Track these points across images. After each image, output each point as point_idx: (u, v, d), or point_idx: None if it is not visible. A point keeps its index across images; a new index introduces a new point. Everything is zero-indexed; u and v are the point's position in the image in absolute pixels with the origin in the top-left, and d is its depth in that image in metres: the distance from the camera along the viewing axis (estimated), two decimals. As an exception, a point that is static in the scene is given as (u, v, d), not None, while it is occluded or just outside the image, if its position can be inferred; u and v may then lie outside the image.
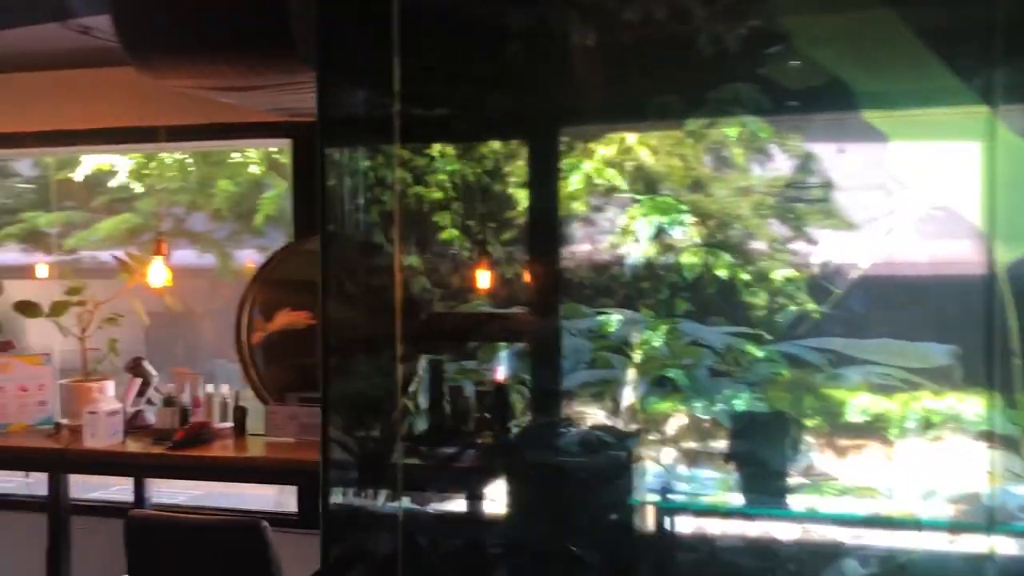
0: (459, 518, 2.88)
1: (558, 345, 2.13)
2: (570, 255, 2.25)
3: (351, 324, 1.94)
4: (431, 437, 2.52)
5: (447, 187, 1.96)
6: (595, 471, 2.70)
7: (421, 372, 2.16)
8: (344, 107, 2.07)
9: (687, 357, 2.53)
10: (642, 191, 2.70)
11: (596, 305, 2.35)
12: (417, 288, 1.89)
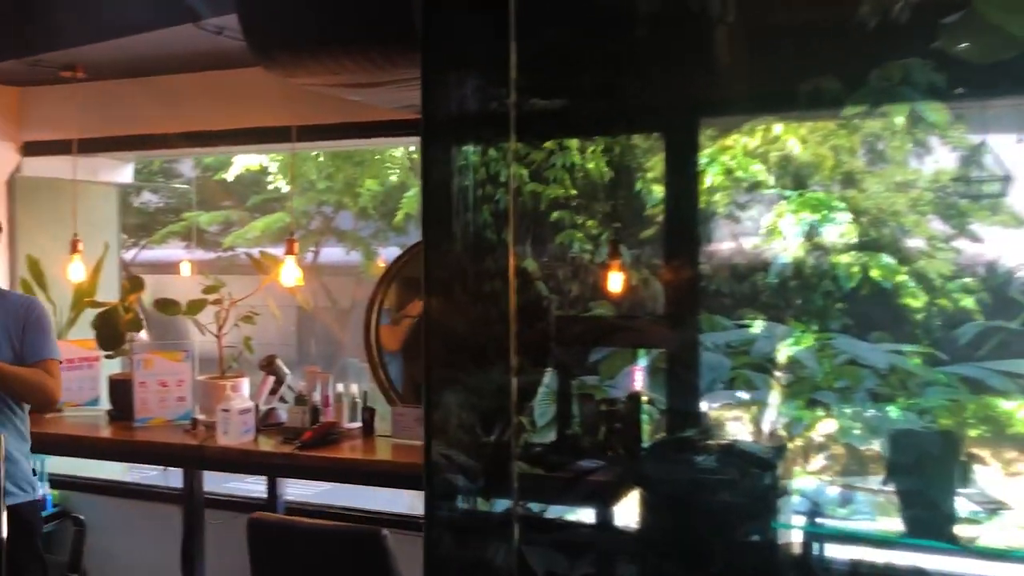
0: (583, 533, 2.66)
1: (693, 360, 1.88)
2: (708, 259, 1.99)
3: (460, 331, 1.76)
4: (551, 448, 2.31)
5: (567, 183, 1.76)
6: (735, 490, 2.44)
7: (539, 381, 1.97)
8: (453, 98, 1.89)
9: (843, 378, 2.20)
10: (790, 186, 2.38)
11: (737, 316, 2.06)
12: (534, 294, 1.70)
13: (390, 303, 3.97)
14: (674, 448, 2.17)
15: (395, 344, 3.76)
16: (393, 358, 3.94)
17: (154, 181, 11.73)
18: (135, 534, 4.44)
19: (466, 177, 1.82)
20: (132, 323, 4.16)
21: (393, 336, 3.76)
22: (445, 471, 2.21)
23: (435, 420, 1.95)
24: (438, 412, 1.94)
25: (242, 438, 3.65)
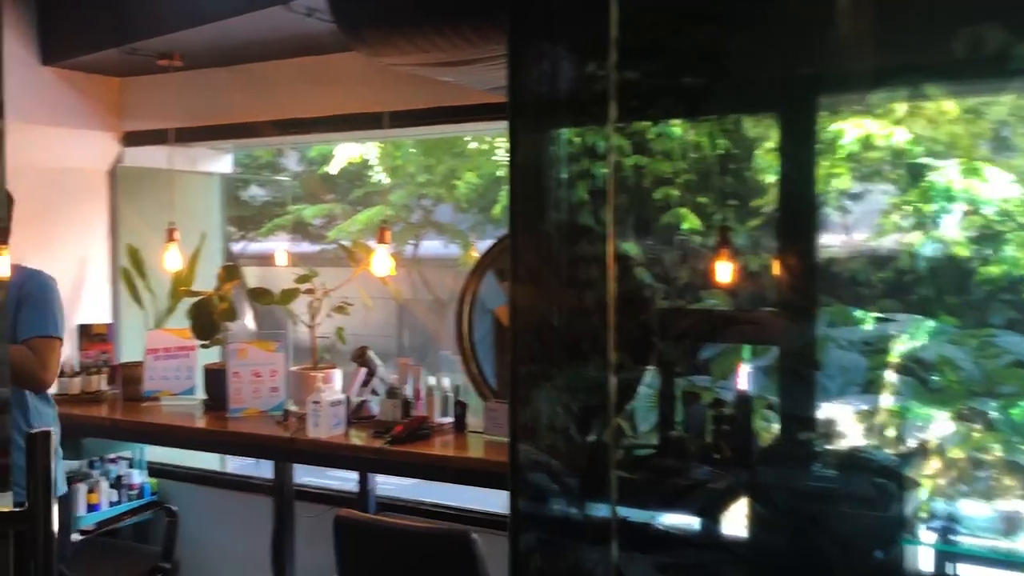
0: (687, 540, 2.41)
1: (822, 359, 1.62)
2: (840, 244, 1.71)
3: (552, 323, 1.55)
4: (654, 452, 2.08)
5: (676, 156, 1.53)
6: (858, 500, 2.16)
7: (640, 379, 1.74)
8: (543, 73, 1.68)
9: (1007, 382, 1.85)
10: (943, 157, 2.06)
11: (875, 309, 1.76)
12: (636, 281, 1.49)
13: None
14: (791, 455, 1.90)
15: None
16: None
17: (260, 175, 11.91)
18: (227, 524, 4.39)
19: (559, 152, 1.61)
20: (227, 313, 4.09)
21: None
22: (534, 473, 2.01)
23: (524, 419, 1.75)
24: (527, 410, 1.74)
25: (333, 431, 3.54)
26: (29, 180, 4.41)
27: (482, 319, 3.59)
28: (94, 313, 4.70)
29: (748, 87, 1.82)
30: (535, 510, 2.39)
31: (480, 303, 3.56)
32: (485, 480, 3.26)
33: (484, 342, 3.59)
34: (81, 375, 4.35)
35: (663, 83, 1.67)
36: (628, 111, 1.62)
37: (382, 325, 9.03)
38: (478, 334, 3.58)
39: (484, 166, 9.61)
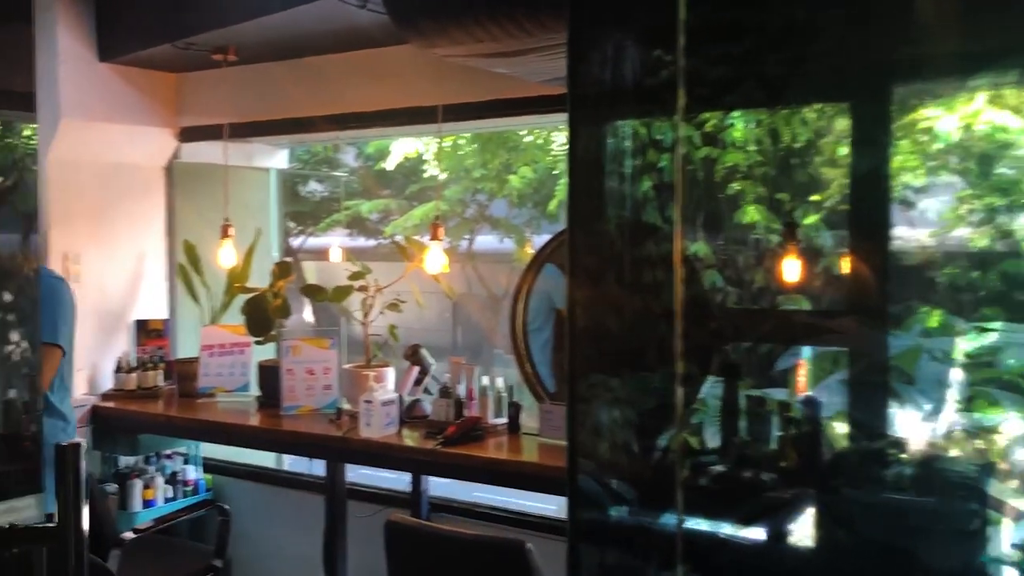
0: (754, 555, 2.26)
1: (911, 370, 1.46)
2: (930, 244, 1.56)
3: (612, 328, 1.43)
4: (717, 456, 1.94)
5: (751, 147, 1.39)
6: (937, 515, 1.99)
7: (709, 388, 1.61)
8: (604, 62, 1.55)
9: None
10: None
11: (976, 317, 1.56)
12: (706, 284, 1.36)
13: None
14: (873, 472, 1.75)
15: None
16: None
17: (319, 171, 11.95)
18: (281, 522, 4.35)
19: (621, 145, 1.48)
20: (281, 309, 4.04)
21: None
22: (593, 481, 1.89)
23: (582, 426, 1.63)
24: (585, 417, 1.62)
25: (385, 431, 3.45)
26: (88, 176, 4.42)
27: (548, 317, 3.45)
28: (151, 308, 4.69)
29: (832, 73, 1.67)
30: (595, 519, 2.27)
31: (547, 300, 3.42)
32: (540, 485, 3.15)
33: (549, 341, 3.46)
34: (137, 371, 4.34)
35: (736, 69, 1.53)
36: (697, 100, 1.48)
37: (435, 322, 8.94)
38: (542, 334, 3.45)
39: (539, 160, 9.49)
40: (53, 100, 4.12)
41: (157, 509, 4.23)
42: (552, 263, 3.52)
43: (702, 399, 1.60)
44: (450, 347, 9.87)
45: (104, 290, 4.50)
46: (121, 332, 4.57)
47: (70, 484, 1.23)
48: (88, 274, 4.42)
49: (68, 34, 4.13)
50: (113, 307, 4.54)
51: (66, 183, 4.31)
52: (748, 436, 1.59)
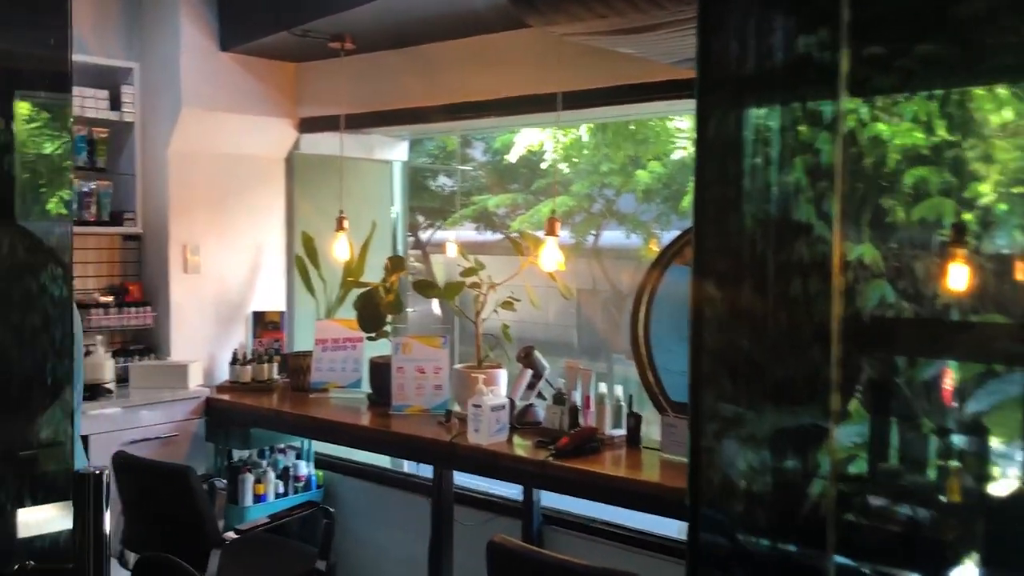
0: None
1: None
2: None
3: (747, 347, 1.12)
4: (872, 484, 1.58)
5: (936, 122, 1.06)
6: None
7: (867, 416, 1.27)
8: (744, 36, 1.23)
9: None
10: None
11: None
12: (872, 295, 1.04)
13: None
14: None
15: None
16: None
17: (448, 164, 11.91)
18: (388, 523, 4.18)
19: (765, 126, 1.17)
20: (393, 304, 3.86)
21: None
22: (721, 509, 1.56)
23: (707, 451, 1.32)
24: (712, 445, 1.31)
25: (494, 437, 3.21)
26: (210, 166, 4.36)
27: (684, 321, 3.10)
28: (269, 300, 4.62)
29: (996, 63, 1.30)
30: (719, 544, 1.94)
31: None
32: (661, 507, 2.83)
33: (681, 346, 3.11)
34: (252, 363, 4.26)
35: (905, 43, 1.19)
36: (864, 66, 1.15)
37: (553, 321, 8.64)
38: (675, 337, 3.11)
39: (671, 152, 9.08)
40: (175, 90, 4.07)
41: (267, 505, 4.14)
42: (679, 263, 3.19)
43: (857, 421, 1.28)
44: (568, 349, 9.59)
45: (223, 281, 4.44)
46: (238, 324, 4.51)
47: (91, 521, 1.03)
48: (207, 265, 4.37)
49: (190, 23, 4.08)
50: (231, 298, 4.48)
51: (186, 174, 4.26)
52: (906, 466, 1.27)
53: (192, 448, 4.02)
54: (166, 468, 3.15)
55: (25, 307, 1.46)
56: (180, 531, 3.11)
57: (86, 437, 3.67)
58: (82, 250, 4.16)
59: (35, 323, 1.47)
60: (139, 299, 4.26)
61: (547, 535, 3.61)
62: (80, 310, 4.04)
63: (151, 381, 4.04)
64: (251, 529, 3.14)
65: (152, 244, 4.31)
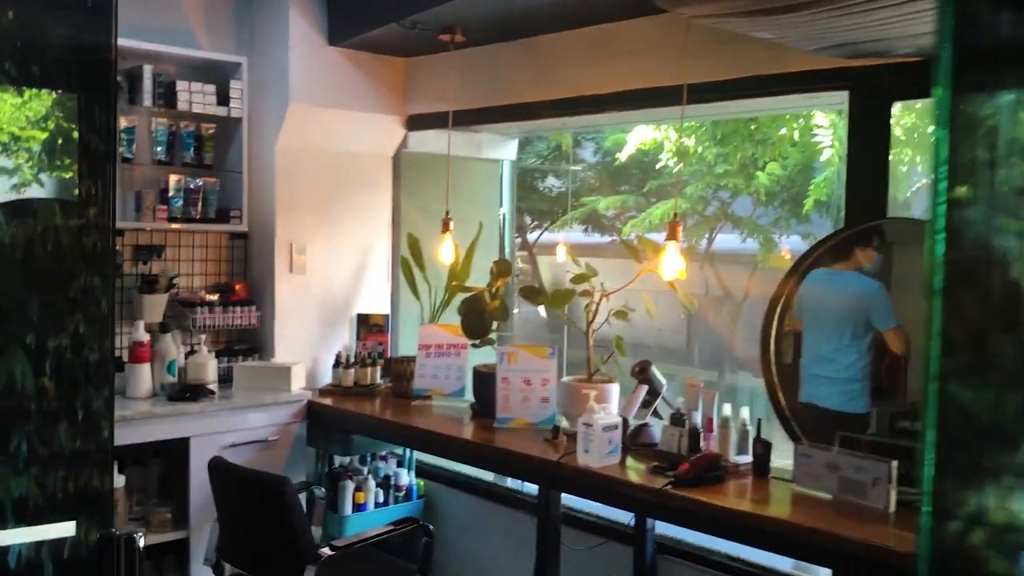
0: None
1: None
2: None
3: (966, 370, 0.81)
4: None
5: None
6: None
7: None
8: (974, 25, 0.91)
9: None
10: None
11: None
12: None
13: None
14: None
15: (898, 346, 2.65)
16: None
17: (557, 166, 11.66)
18: (490, 539, 3.95)
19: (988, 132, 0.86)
20: (498, 311, 3.62)
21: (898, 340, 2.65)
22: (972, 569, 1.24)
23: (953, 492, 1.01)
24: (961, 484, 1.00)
25: (605, 460, 2.92)
26: (316, 164, 4.22)
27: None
28: (373, 303, 4.45)
29: None
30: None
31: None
32: (795, 549, 2.49)
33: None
34: (355, 366, 4.10)
35: None
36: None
37: (669, 333, 8.23)
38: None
39: (789, 155, 8.56)
40: (283, 85, 3.94)
41: (367, 515, 3.97)
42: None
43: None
44: (684, 363, 9.16)
45: (328, 282, 4.30)
46: (342, 326, 4.36)
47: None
48: (313, 265, 4.23)
49: (300, 17, 3.93)
50: (336, 300, 4.33)
51: (292, 171, 4.13)
52: None
53: (293, 452, 3.88)
54: (261, 478, 2.99)
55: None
56: (274, 544, 2.95)
57: (186, 439, 3.57)
58: (188, 247, 4.08)
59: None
60: (244, 298, 4.16)
61: (661, 566, 3.29)
62: (185, 308, 3.97)
63: (254, 383, 3.92)
64: (348, 546, 2.95)
65: (258, 243, 4.20)
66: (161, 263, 3.98)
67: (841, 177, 3.70)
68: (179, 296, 4.01)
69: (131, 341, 3.69)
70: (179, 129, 3.91)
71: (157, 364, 3.74)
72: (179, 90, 3.79)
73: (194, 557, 3.56)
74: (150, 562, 3.70)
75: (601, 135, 9.11)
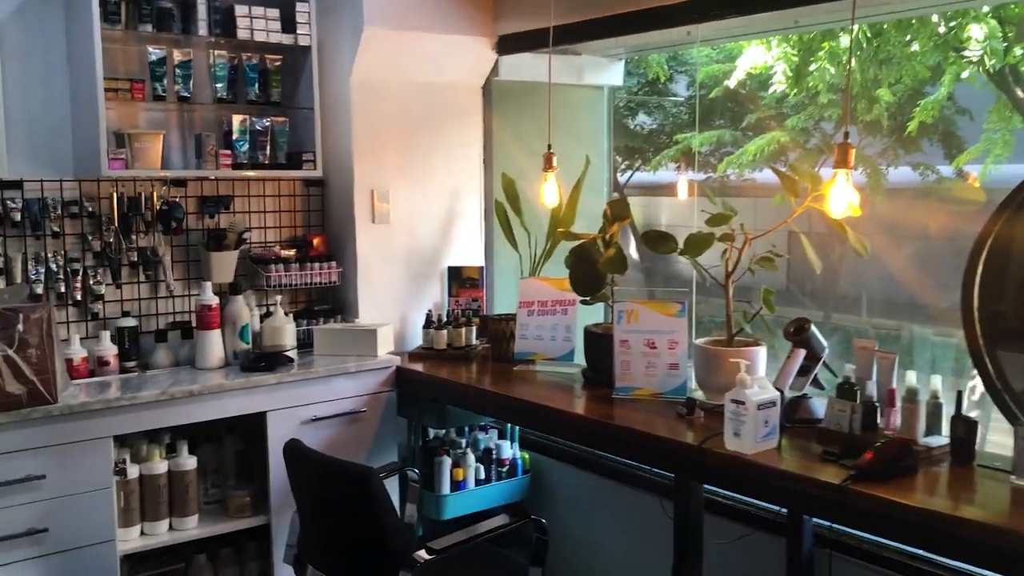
0: None
1: None
2: None
3: None
4: None
5: None
6: None
7: None
8: None
9: None
10: None
11: None
12: None
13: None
14: None
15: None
16: None
17: (648, 100, 10.88)
18: (611, 523, 3.41)
19: None
20: (614, 262, 3.01)
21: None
22: None
23: None
24: None
25: (760, 445, 2.32)
26: (397, 98, 3.64)
27: None
28: (465, 254, 3.90)
29: None
30: None
31: None
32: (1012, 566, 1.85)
33: None
34: (448, 327, 3.57)
35: None
36: None
37: (822, 284, 7.36)
38: None
39: (921, 71, 7.59)
40: (356, 6, 3.36)
41: (467, 494, 3.47)
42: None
43: None
44: (853, 325, 8.29)
45: (414, 232, 3.76)
46: (432, 281, 3.83)
47: None
48: (397, 213, 3.70)
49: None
50: (424, 252, 3.79)
51: (370, 107, 3.57)
52: None
53: (382, 426, 3.39)
54: (342, 468, 2.49)
55: None
56: (360, 545, 2.46)
57: (263, 413, 3.11)
58: (258, 197, 3.59)
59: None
60: (323, 253, 3.66)
61: (820, 562, 2.69)
62: (258, 266, 3.49)
63: (336, 347, 3.43)
64: (447, 549, 2.43)
65: (335, 190, 3.68)
66: (229, 216, 3.50)
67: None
68: (251, 253, 3.53)
69: (198, 305, 3.23)
70: (241, 62, 3.39)
71: (228, 330, 3.28)
72: (239, 16, 3.26)
73: (276, 544, 3.13)
74: (229, 549, 3.29)
75: (694, 67, 8.28)
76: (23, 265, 3.07)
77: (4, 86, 2.84)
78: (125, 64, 3.24)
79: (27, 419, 2.66)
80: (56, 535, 2.71)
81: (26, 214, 3.06)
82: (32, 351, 2.66)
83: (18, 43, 3.05)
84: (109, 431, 2.82)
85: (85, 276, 3.19)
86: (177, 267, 3.40)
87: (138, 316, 3.31)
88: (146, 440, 3.05)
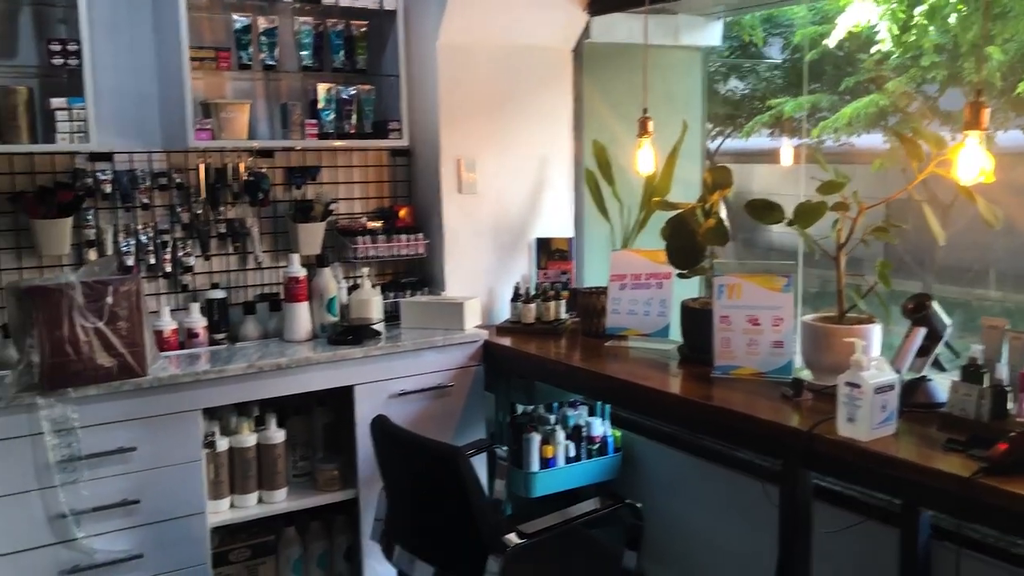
0: None
1: None
2: None
3: None
4: None
5: None
6: None
7: None
8: None
9: None
10: None
11: None
12: None
13: None
14: None
15: None
16: None
17: (742, 62, 10.48)
18: (709, 506, 3.25)
19: None
20: (714, 233, 2.83)
21: None
22: None
23: None
24: None
25: (877, 431, 2.14)
26: (484, 64, 3.51)
27: None
28: (555, 225, 3.77)
29: None
30: None
31: None
32: None
33: None
34: (537, 300, 3.45)
35: None
36: None
37: (952, 258, 6.99)
38: None
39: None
40: (441, -32, 3.24)
41: (556, 472, 3.37)
42: None
43: None
44: (975, 300, 7.80)
45: (502, 202, 3.65)
46: (520, 252, 3.71)
47: None
48: (484, 183, 3.59)
49: None
50: (511, 222, 3.68)
51: (457, 73, 3.45)
52: None
53: (469, 401, 3.31)
54: (429, 447, 2.41)
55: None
56: (448, 527, 2.38)
57: (350, 388, 3.06)
58: (346, 168, 3.52)
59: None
60: (410, 224, 3.58)
61: (937, 555, 2.49)
62: (345, 237, 3.43)
63: (423, 320, 3.36)
64: (538, 533, 2.33)
65: (422, 159, 3.59)
66: (316, 187, 3.45)
67: None
68: (338, 224, 3.47)
69: (286, 277, 3.19)
70: (326, 29, 3.31)
71: (316, 302, 3.23)
72: (323, -20, 3.17)
73: (364, 519, 3.09)
74: (319, 523, 3.27)
75: (789, 30, 7.89)
76: (114, 237, 3.08)
77: (92, 57, 2.82)
78: (212, 32, 3.19)
79: (118, 391, 2.66)
80: (148, 506, 2.72)
81: (116, 186, 3.06)
82: (122, 323, 2.66)
83: (105, 13, 3.03)
84: (198, 404, 2.80)
85: (174, 248, 3.19)
86: (265, 239, 3.37)
87: (227, 288, 3.30)
88: (235, 413, 3.04)
